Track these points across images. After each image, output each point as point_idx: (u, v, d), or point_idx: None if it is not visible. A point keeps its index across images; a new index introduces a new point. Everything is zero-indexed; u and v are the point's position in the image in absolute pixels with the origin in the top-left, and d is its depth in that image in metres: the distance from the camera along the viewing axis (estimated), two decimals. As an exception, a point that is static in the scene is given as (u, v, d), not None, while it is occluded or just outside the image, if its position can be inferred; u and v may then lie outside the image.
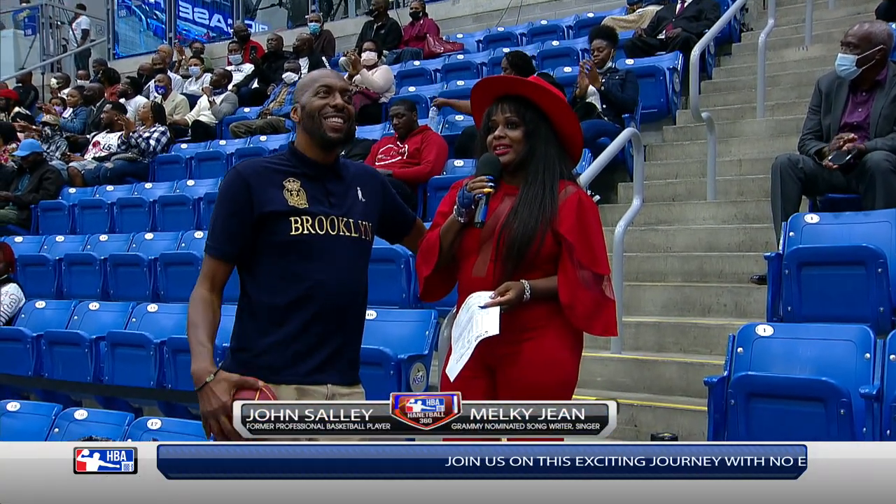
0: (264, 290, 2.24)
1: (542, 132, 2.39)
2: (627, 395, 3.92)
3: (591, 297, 2.30)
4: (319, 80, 2.32)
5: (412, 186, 5.67)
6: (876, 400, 2.81)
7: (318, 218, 2.24)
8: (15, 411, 3.68)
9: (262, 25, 13.68)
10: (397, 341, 4.00)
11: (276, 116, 8.34)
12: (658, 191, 5.77)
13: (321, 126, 2.28)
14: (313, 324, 2.23)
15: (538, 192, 2.34)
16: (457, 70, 8.28)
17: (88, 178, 8.13)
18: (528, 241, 2.30)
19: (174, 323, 4.92)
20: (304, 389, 2.22)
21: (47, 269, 6.16)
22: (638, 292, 4.69)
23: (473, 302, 2.28)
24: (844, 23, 7.45)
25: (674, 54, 6.84)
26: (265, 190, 2.23)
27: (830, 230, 3.81)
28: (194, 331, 2.23)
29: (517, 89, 2.41)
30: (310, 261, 2.22)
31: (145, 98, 9.41)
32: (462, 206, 2.34)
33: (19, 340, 5.05)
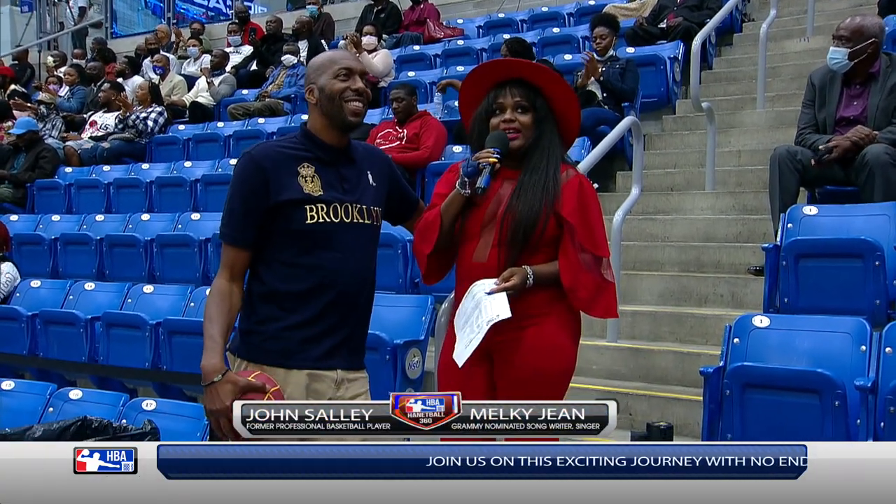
0: (278, 277, 2.23)
1: (550, 119, 2.39)
2: (623, 383, 3.93)
3: (593, 280, 2.31)
4: (339, 63, 2.29)
5: (410, 172, 5.66)
6: (871, 392, 2.82)
7: (333, 205, 2.24)
8: (9, 390, 3.67)
9: (262, 7, 13.62)
10: (394, 326, 4.00)
11: (274, 99, 8.31)
12: (656, 180, 5.77)
13: (342, 109, 2.26)
14: (327, 311, 2.23)
15: (541, 176, 2.34)
16: (457, 55, 8.25)
17: (85, 158, 8.10)
18: (533, 223, 2.30)
19: (169, 304, 4.92)
20: (315, 375, 2.22)
21: (43, 248, 6.15)
22: (635, 281, 4.69)
23: (478, 289, 2.28)
24: (846, 14, 7.38)
25: (675, 43, 6.82)
26: (280, 177, 2.21)
27: (828, 222, 3.81)
28: (209, 324, 2.19)
29: (526, 74, 2.39)
30: (325, 249, 2.22)
31: (142, 78, 9.36)
32: (466, 176, 2.32)
33: (14, 319, 5.05)
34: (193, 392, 4.32)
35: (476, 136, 2.43)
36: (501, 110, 2.38)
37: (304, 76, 2.38)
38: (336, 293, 2.23)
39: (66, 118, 9.12)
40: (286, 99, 8.26)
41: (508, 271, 2.27)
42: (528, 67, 2.43)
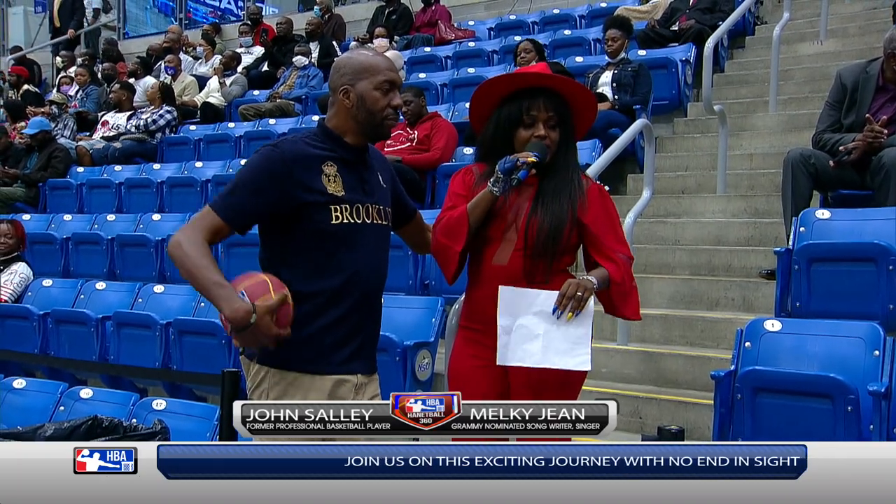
0: (301, 279, 2.17)
1: (572, 130, 2.41)
2: (633, 386, 3.92)
3: (631, 278, 2.37)
4: (383, 73, 2.23)
5: (421, 173, 5.66)
6: (884, 398, 2.80)
7: (356, 206, 2.22)
8: (21, 388, 3.69)
9: (273, 8, 13.65)
10: (403, 328, 4.00)
11: (285, 100, 8.32)
12: (668, 183, 5.75)
13: (380, 123, 2.25)
14: (350, 314, 2.21)
15: (566, 183, 2.35)
16: (468, 57, 8.25)
17: (97, 158, 8.13)
18: (561, 231, 2.31)
19: (180, 304, 4.92)
20: (341, 380, 2.19)
21: (54, 247, 6.17)
22: (646, 284, 4.67)
23: (541, 302, 2.25)
24: (860, 17, 7.42)
25: (687, 46, 6.80)
26: (306, 177, 2.17)
27: (841, 226, 3.79)
28: (206, 272, 2.05)
29: (557, 87, 2.39)
30: (348, 250, 2.20)
31: (154, 79, 9.40)
32: (502, 172, 2.30)
33: (26, 318, 5.06)
34: (203, 392, 4.33)
35: (500, 143, 2.38)
36: (532, 123, 2.36)
37: (336, 69, 2.28)
38: (360, 293, 2.22)
39: (81, 115, 9.15)
40: (297, 100, 8.28)
41: (574, 285, 2.24)
42: (561, 82, 2.41)
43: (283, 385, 2.18)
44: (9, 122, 9.00)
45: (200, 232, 2.13)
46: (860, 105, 4.12)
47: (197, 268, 2.07)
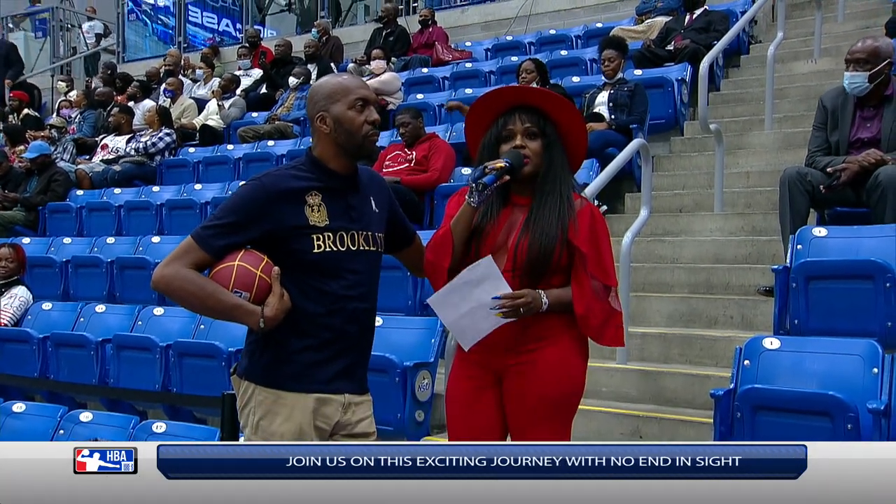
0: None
1: (559, 145, 2.40)
2: (633, 405, 3.91)
3: (602, 309, 2.32)
4: (354, 92, 2.26)
5: (419, 194, 5.68)
6: (883, 416, 2.80)
7: (340, 234, 2.24)
8: (20, 412, 3.69)
9: (272, 31, 13.73)
10: (403, 348, 4.00)
11: (283, 122, 8.36)
12: (665, 202, 5.77)
13: (362, 142, 2.26)
14: (336, 339, 2.24)
15: (556, 204, 2.35)
16: (465, 78, 8.30)
17: (96, 181, 8.16)
18: (550, 251, 2.31)
19: (179, 327, 4.93)
20: (323, 399, 2.22)
21: (54, 270, 6.18)
22: (644, 303, 4.68)
23: (487, 273, 2.26)
24: (853, 36, 7.44)
25: (682, 65, 6.85)
26: (287, 211, 2.20)
27: (838, 244, 3.80)
28: (218, 295, 2.14)
29: (536, 101, 2.40)
30: (332, 278, 2.22)
31: (153, 102, 9.44)
32: (472, 181, 2.31)
33: (26, 342, 5.06)
34: (203, 414, 4.33)
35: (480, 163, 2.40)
36: (511, 136, 2.38)
37: (309, 99, 2.33)
38: (344, 319, 2.24)
39: (78, 141, 9.20)
40: (295, 122, 8.32)
41: (524, 292, 2.26)
42: (536, 94, 2.44)
43: (268, 403, 2.22)
44: (8, 147, 9.03)
45: (186, 264, 2.18)
46: (842, 126, 4.17)
47: (208, 293, 2.15)
